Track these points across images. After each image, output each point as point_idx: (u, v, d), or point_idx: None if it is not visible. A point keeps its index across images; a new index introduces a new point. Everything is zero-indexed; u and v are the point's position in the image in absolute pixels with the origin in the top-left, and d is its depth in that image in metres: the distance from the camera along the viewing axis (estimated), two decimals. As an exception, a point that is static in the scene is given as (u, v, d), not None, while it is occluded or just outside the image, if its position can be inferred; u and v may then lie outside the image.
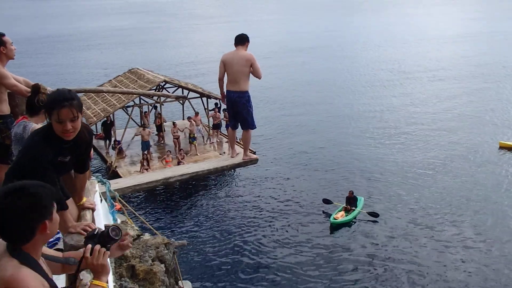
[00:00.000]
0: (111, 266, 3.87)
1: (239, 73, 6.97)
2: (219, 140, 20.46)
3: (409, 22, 67.13)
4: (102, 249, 2.27)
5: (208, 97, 20.59)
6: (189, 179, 7.98)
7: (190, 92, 20.41)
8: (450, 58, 40.53)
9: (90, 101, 20.02)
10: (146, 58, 41.83)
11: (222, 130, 20.66)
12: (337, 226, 14.27)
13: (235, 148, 7.85)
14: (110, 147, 19.60)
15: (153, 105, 21.73)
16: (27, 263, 1.98)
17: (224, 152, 18.41)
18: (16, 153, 4.01)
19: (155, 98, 19.88)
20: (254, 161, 7.96)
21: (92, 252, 2.25)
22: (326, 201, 15.33)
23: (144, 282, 4.68)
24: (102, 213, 4.23)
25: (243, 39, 7.07)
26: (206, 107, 21.19)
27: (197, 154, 18.82)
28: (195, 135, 19.34)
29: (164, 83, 20.42)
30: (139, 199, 16.41)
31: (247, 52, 7.03)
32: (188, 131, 19.49)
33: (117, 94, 18.80)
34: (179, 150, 18.28)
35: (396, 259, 12.55)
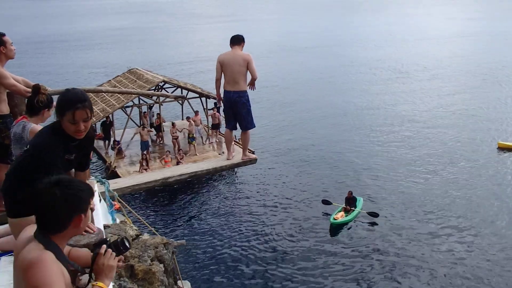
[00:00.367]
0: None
1: (238, 73, 6.96)
2: (218, 140, 20.47)
3: (409, 22, 67.17)
4: (113, 254, 2.35)
5: (207, 97, 20.60)
6: (188, 179, 7.96)
7: (189, 92, 20.42)
8: (450, 58, 40.54)
9: (90, 101, 19.98)
10: (146, 58, 41.85)
11: (222, 130, 20.66)
12: (337, 226, 14.27)
13: (231, 150, 7.81)
14: (109, 147, 19.61)
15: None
16: (52, 250, 2.10)
17: (223, 152, 18.36)
18: (16, 153, 4.02)
19: (154, 98, 19.88)
20: (253, 161, 7.94)
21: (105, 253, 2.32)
22: (326, 202, 15.32)
23: (143, 282, 4.69)
24: (101, 213, 4.24)
25: (239, 39, 7.07)
26: (205, 107, 21.20)
27: (196, 154, 18.83)
28: (194, 135, 19.35)
29: (163, 83, 20.42)
30: (138, 199, 16.42)
31: (244, 52, 7.03)
32: (187, 131, 19.50)
33: (116, 95, 18.81)
34: (178, 150, 18.30)
35: (397, 259, 12.56)
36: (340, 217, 14.43)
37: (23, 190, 2.96)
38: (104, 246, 2.32)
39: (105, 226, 4.30)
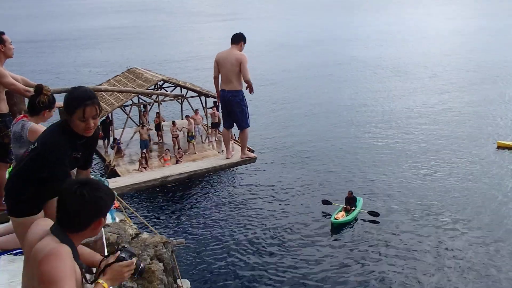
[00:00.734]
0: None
1: (231, 72, 6.94)
2: (218, 139, 20.45)
3: (409, 22, 67.15)
4: (132, 269, 2.36)
5: (207, 96, 20.58)
6: (188, 178, 7.96)
7: (189, 91, 20.41)
8: (449, 57, 40.52)
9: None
10: (145, 57, 41.84)
11: (221, 129, 20.60)
12: (338, 226, 14.27)
13: (230, 149, 7.81)
14: (109, 146, 19.61)
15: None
16: (68, 245, 2.13)
17: (223, 151, 18.35)
18: (15, 152, 4.02)
19: (154, 97, 19.86)
20: (253, 160, 7.94)
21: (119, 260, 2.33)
22: (326, 202, 15.32)
23: (143, 281, 4.70)
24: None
25: (238, 38, 7.01)
26: (205, 106, 21.18)
27: (196, 153, 18.82)
28: (193, 134, 19.33)
29: (163, 82, 20.38)
30: (138, 198, 16.42)
31: (239, 52, 6.96)
32: (186, 130, 19.49)
33: (116, 94, 18.78)
34: (178, 149, 18.29)
35: (397, 258, 12.56)
36: (341, 217, 14.43)
37: (28, 190, 2.97)
38: (134, 260, 2.36)
39: (105, 225, 4.30)
